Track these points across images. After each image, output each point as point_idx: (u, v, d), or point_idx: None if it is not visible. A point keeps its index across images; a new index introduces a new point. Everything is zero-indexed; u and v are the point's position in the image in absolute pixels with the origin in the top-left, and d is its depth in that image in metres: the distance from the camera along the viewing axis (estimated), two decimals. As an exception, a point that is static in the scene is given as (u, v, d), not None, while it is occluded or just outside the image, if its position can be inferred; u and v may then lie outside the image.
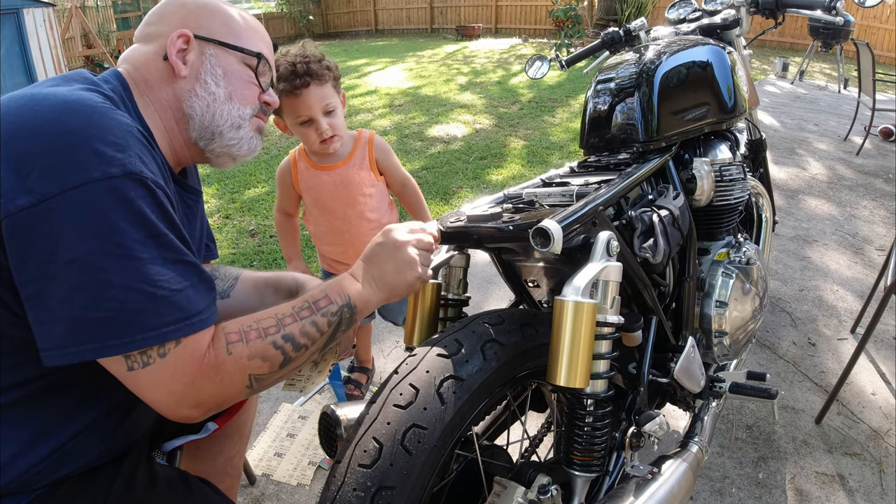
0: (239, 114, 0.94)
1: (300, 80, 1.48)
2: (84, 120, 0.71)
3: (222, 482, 1.28)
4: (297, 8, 16.33)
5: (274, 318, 0.81)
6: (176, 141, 0.93)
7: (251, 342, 0.78)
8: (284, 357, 0.81)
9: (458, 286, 1.15)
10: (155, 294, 0.71)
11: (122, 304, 0.69)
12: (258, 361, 0.78)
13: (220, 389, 0.76)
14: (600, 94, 1.39)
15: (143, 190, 0.72)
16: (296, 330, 0.82)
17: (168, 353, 0.72)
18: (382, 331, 2.48)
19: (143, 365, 0.71)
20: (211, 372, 0.75)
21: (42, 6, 7.34)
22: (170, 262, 0.73)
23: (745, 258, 1.44)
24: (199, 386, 0.74)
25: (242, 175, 4.52)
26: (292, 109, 1.53)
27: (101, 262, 0.68)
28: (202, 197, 1.09)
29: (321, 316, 0.85)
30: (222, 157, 0.98)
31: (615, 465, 1.10)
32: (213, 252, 1.20)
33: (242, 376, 0.77)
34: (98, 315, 0.69)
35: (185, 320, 0.73)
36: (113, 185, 0.69)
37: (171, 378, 0.73)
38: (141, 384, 0.73)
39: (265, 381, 0.81)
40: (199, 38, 0.91)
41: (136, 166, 0.72)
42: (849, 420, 1.92)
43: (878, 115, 4.88)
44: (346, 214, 1.71)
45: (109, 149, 0.70)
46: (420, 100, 7.01)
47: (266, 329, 0.80)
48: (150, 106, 0.89)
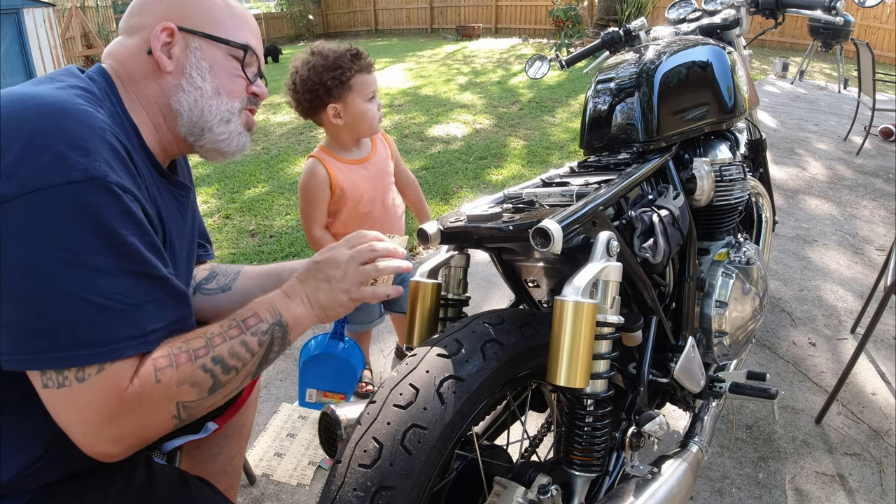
0: (227, 108, 0.93)
1: (366, 60, 1.64)
2: (52, 122, 0.69)
3: (222, 482, 1.28)
4: (297, 8, 16.34)
5: (203, 339, 0.78)
6: (164, 136, 0.92)
7: (181, 366, 0.74)
8: (214, 381, 0.77)
9: (458, 286, 1.15)
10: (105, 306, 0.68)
11: (69, 315, 0.66)
12: (187, 387, 0.75)
13: (143, 421, 0.73)
14: (600, 94, 1.39)
15: (106, 196, 0.69)
16: (225, 351, 0.78)
17: (87, 379, 0.68)
18: (382, 331, 2.48)
19: (57, 385, 0.67)
20: (134, 403, 0.71)
21: (42, 6, 7.35)
22: (130, 273, 0.70)
23: (745, 258, 1.44)
24: (119, 419, 0.70)
25: (242, 175, 4.52)
26: (365, 85, 1.65)
27: (53, 270, 0.66)
28: (193, 193, 1.07)
29: (251, 335, 0.81)
30: (211, 152, 0.96)
31: (615, 465, 1.09)
32: (209, 253, 1.20)
33: (170, 405, 0.74)
34: (45, 325, 0.66)
35: (138, 337, 0.70)
36: (73, 190, 0.66)
37: (85, 406, 0.68)
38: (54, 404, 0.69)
39: (193, 409, 0.77)
40: (183, 30, 0.88)
41: (101, 170, 0.69)
42: (849, 420, 1.92)
43: (878, 115, 4.88)
44: (384, 203, 1.79)
45: (74, 153, 0.68)
46: (420, 100, 7.01)
47: (195, 351, 0.76)
48: (137, 102, 0.88)
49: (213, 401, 0.79)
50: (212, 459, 1.28)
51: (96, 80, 0.85)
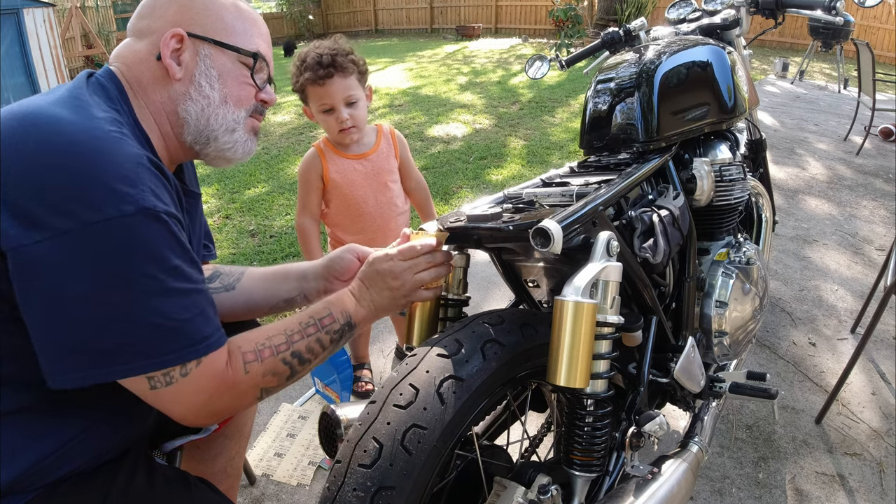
0: (233, 117, 0.93)
1: (324, 71, 1.59)
2: (95, 156, 0.71)
3: (222, 482, 1.28)
4: (297, 8, 16.33)
5: (284, 336, 0.87)
6: (171, 143, 0.92)
7: (265, 360, 0.84)
8: (292, 371, 0.88)
9: (458, 286, 1.15)
10: (163, 325, 0.73)
11: (131, 336, 0.72)
12: (269, 377, 0.85)
13: (235, 402, 0.84)
14: (600, 94, 1.39)
15: (156, 224, 0.73)
16: (303, 347, 0.88)
17: (189, 373, 0.77)
18: (382, 331, 2.48)
19: (164, 384, 0.76)
20: (229, 389, 0.81)
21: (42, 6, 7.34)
22: (180, 293, 0.75)
23: (745, 258, 1.44)
24: (218, 400, 0.81)
25: (242, 175, 4.52)
26: (316, 97, 1.64)
27: (112, 298, 0.70)
28: (200, 199, 1.09)
29: (325, 333, 0.91)
30: (217, 159, 0.97)
31: (615, 465, 1.10)
32: (212, 252, 1.20)
33: (255, 391, 0.85)
34: (106, 346, 0.71)
35: (193, 345, 0.76)
36: (126, 222, 0.70)
37: (191, 394, 0.78)
38: (163, 400, 0.78)
39: (272, 391, 0.88)
40: (192, 36, 0.88)
41: (150, 201, 0.72)
42: (849, 420, 1.92)
43: (878, 115, 4.88)
44: (377, 201, 1.78)
45: (122, 184, 0.70)
46: (420, 100, 7.01)
47: (277, 347, 0.86)
48: (145, 108, 0.88)
49: (289, 384, 0.90)
50: (212, 460, 1.28)
51: (108, 88, 0.84)
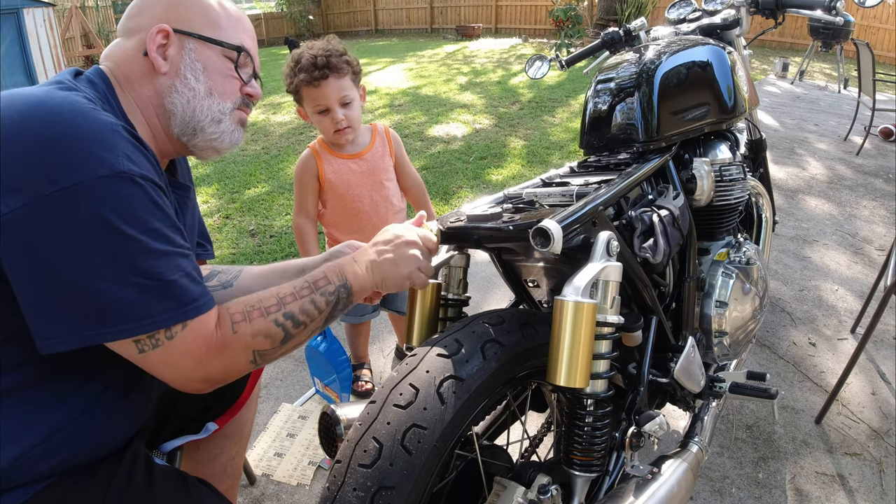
0: (219, 108, 0.95)
1: (319, 72, 1.59)
2: (72, 124, 0.73)
3: (222, 483, 1.28)
4: (297, 8, 16.33)
5: (275, 298, 0.86)
6: (159, 136, 0.94)
7: (254, 321, 0.83)
8: (286, 334, 0.86)
9: (458, 286, 1.15)
10: (148, 286, 0.74)
11: (116, 296, 0.72)
12: (261, 338, 0.84)
13: (227, 366, 0.82)
14: (600, 94, 1.39)
15: (132, 187, 0.74)
16: (296, 308, 0.87)
17: (175, 336, 0.77)
18: (382, 331, 2.48)
19: (152, 347, 0.76)
20: (218, 351, 0.80)
21: (42, 6, 7.35)
22: (161, 254, 0.76)
23: (745, 258, 1.44)
24: (207, 363, 0.80)
25: (242, 175, 4.52)
26: (311, 98, 1.64)
27: (95, 259, 0.71)
28: (192, 193, 1.10)
29: (320, 295, 0.89)
30: (206, 150, 0.98)
31: (615, 465, 1.10)
32: (209, 252, 1.20)
33: (247, 352, 0.83)
34: (93, 307, 0.72)
35: (182, 307, 0.77)
36: (103, 184, 0.71)
37: (179, 357, 0.78)
38: (150, 364, 0.78)
39: (268, 356, 0.86)
40: (178, 32, 0.91)
41: (125, 165, 0.74)
42: (849, 420, 1.92)
43: (878, 115, 4.88)
44: (373, 200, 1.78)
45: (97, 149, 0.73)
46: (420, 100, 7.01)
47: (268, 308, 0.85)
48: (133, 102, 0.90)
49: (286, 349, 0.88)
50: (212, 460, 1.28)
51: (95, 82, 0.87)
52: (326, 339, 1.81)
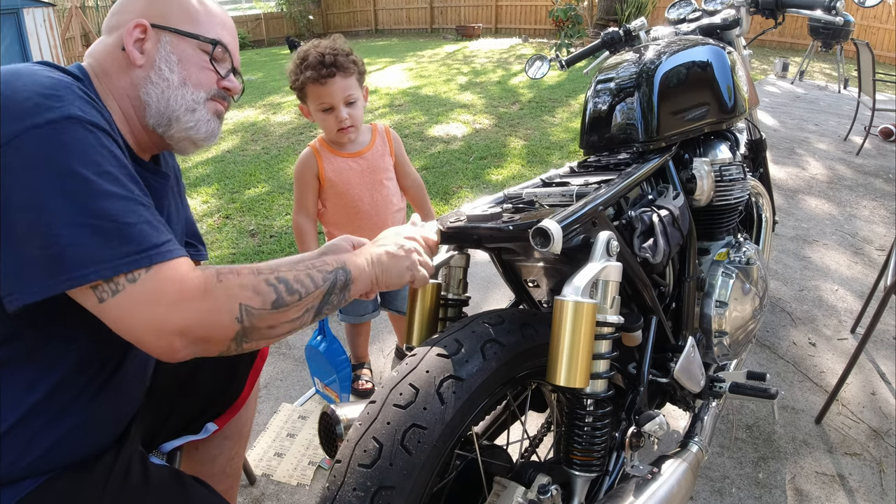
0: (193, 97, 0.95)
1: (326, 70, 1.59)
2: (25, 81, 0.75)
3: (222, 483, 1.28)
4: (297, 8, 16.33)
5: (270, 266, 0.84)
6: (136, 128, 0.95)
7: (242, 275, 0.79)
8: (278, 296, 0.80)
9: (458, 286, 1.15)
10: (103, 227, 0.71)
11: (70, 240, 0.70)
12: (249, 293, 0.78)
13: (207, 316, 0.75)
14: (600, 94, 1.39)
15: (83, 131, 0.74)
16: (290, 276, 0.83)
17: (139, 279, 0.72)
18: (382, 331, 2.48)
19: (111, 293, 0.72)
20: (198, 296, 0.74)
21: (42, 6, 7.35)
22: (116, 196, 0.74)
23: (745, 258, 1.44)
24: (183, 309, 0.73)
25: (242, 175, 4.52)
26: (316, 96, 1.64)
27: (49, 202, 0.70)
28: (178, 187, 1.10)
29: (317, 272, 0.87)
30: (183, 141, 0.98)
31: (615, 465, 1.10)
32: (202, 254, 1.20)
33: (231, 304, 0.76)
34: (51, 252, 0.69)
35: (144, 251, 0.73)
36: (53, 127, 0.72)
37: (145, 303, 0.72)
38: (114, 315, 0.73)
39: (256, 318, 0.78)
40: (155, 26, 0.92)
41: (74, 111, 0.74)
42: (849, 420, 1.92)
43: (878, 115, 4.88)
44: (373, 199, 1.78)
45: (47, 100, 0.73)
46: (420, 100, 7.01)
47: (259, 269, 0.82)
48: (110, 95, 0.92)
49: (277, 319, 0.81)
50: (212, 460, 1.28)
51: (76, 75, 0.88)
52: (326, 338, 1.81)
